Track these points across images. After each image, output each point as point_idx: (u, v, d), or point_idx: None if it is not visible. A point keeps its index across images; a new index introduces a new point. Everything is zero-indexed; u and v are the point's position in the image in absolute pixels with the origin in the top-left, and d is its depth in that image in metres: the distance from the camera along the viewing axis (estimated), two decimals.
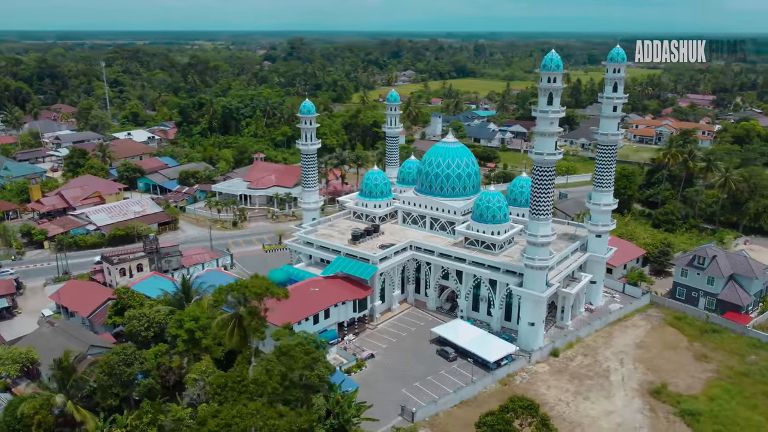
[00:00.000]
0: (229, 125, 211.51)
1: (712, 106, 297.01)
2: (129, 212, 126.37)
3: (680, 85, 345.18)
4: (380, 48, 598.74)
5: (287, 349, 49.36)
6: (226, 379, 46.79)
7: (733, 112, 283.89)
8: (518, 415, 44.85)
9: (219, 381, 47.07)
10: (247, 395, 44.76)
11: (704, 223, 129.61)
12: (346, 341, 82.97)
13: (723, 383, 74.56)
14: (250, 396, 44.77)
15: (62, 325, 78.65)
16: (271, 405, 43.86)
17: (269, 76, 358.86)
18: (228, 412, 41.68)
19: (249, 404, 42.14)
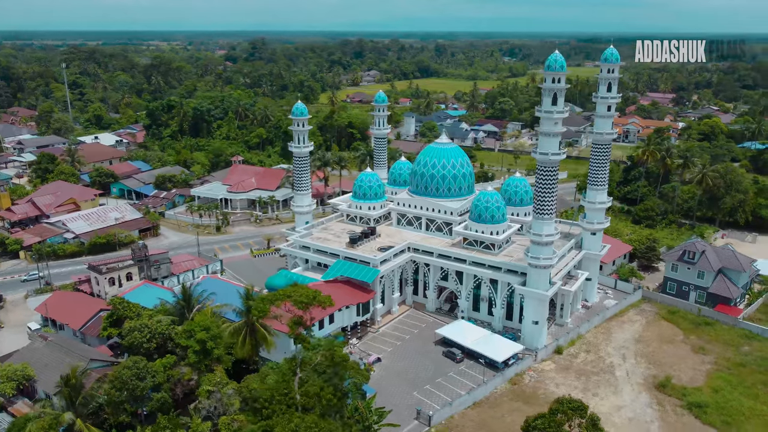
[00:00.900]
0: (200, 127, 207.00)
1: (672, 104, 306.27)
2: (108, 219, 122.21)
3: (640, 83, 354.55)
4: (342, 48, 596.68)
5: (340, 359, 47.85)
6: (272, 391, 45.23)
7: (692, 109, 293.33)
8: (569, 417, 44.96)
9: (265, 394, 45.53)
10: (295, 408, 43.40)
11: (682, 218, 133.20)
12: (351, 345, 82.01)
13: (723, 374, 76.61)
14: (298, 408, 43.43)
15: (56, 339, 75.21)
16: (323, 418, 42.66)
17: (234, 76, 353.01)
18: (284, 427, 40.20)
19: (306, 418, 40.83)
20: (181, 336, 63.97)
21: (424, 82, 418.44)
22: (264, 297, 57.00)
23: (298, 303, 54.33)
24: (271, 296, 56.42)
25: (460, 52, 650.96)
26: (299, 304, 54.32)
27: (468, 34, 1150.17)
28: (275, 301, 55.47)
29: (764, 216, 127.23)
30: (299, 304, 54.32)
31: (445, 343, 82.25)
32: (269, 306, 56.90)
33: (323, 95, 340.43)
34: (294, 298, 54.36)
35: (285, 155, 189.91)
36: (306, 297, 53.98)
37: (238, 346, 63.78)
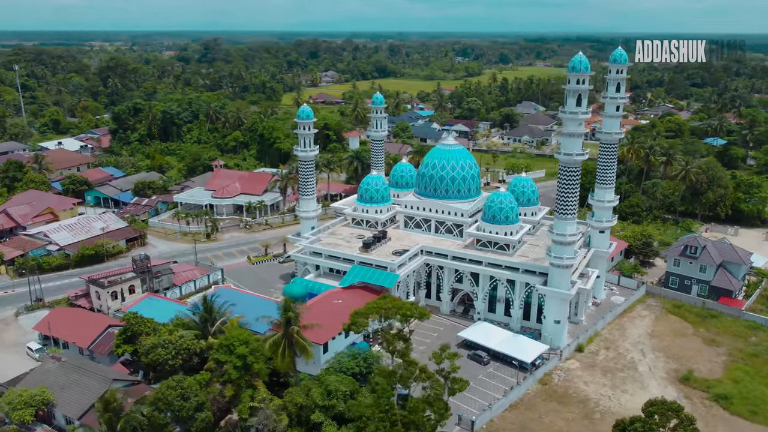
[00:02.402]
0: (169, 131, 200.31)
1: (630, 102, 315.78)
2: (93, 229, 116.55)
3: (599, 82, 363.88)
4: (297, 48, 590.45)
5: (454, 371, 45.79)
6: (372, 409, 43.45)
7: (649, 107, 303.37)
8: (668, 419, 45.06)
9: (367, 412, 43.72)
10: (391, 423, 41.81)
11: (665, 213, 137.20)
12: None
13: (740, 365, 79.03)
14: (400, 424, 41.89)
15: (70, 359, 70.89)
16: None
17: (192, 78, 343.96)
18: None
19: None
20: (220, 351, 61.17)
21: (384, 83, 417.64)
22: (359, 311, 54.84)
23: (401, 316, 52.55)
24: (366, 310, 54.38)
25: (415, 52, 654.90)
26: (401, 317, 52.58)
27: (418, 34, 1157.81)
28: (369, 315, 53.48)
29: (743, 209, 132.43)
30: (401, 317, 52.58)
31: (467, 346, 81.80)
32: (366, 320, 54.83)
33: (286, 96, 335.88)
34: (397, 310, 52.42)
35: (261, 158, 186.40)
36: (409, 310, 52.29)
37: (278, 358, 61.55)
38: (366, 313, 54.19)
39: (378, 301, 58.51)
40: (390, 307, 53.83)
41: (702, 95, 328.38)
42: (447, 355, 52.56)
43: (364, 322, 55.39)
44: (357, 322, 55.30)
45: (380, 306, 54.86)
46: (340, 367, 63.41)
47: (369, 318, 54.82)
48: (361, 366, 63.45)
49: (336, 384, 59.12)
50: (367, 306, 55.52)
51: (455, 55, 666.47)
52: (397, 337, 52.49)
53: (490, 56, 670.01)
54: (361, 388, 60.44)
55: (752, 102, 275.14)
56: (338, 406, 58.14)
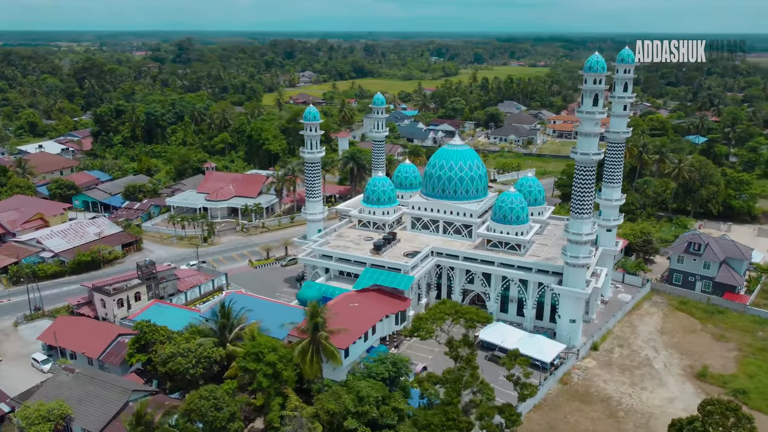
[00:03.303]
0: (153, 133, 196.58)
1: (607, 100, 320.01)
2: (87, 234, 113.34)
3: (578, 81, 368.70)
4: (272, 49, 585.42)
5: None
6: (441, 417, 42.54)
7: None
8: (727, 418, 45.17)
9: (435, 419, 42.79)
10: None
11: (658, 211, 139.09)
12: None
13: (752, 360, 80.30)
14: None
15: (84, 370, 68.53)
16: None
17: (170, 78, 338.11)
18: None
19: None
20: (248, 359, 59.70)
21: (363, 82, 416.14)
22: (422, 316, 53.77)
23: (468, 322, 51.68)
24: (432, 314, 53.31)
25: (391, 52, 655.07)
26: (470, 323, 51.69)
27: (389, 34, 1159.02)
28: (437, 320, 52.51)
29: (734, 206, 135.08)
30: (470, 323, 51.69)
31: (484, 347, 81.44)
32: (431, 325, 53.80)
33: (266, 97, 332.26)
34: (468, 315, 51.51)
35: (249, 160, 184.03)
36: (478, 316, 51.43)
37: (307, 365, 60.40)
38: (431, 318, 53.19)
39: (439, 305, 57.66)
40: (454, 311, 53.00)
41: (677, 94, 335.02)
42: (518, 361, 52.09)
43: (431, 328, 54.40)
44: (423, 327, 54.25)
45: (442, 311, 54.01)
46: (369, 373, 62.42)
47: (435, 323, 53.77)
48: (390, 371, 62.53)
49: (367, 390, 58.19)
50: (430, 310, 54.55)
51: (431, 55, 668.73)
52: (462, 343, 51.70)
53: (465, 56, 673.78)
54: (393, 393, 59.73)
55: (726, 100, 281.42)
56: (371, 412, 57.25)
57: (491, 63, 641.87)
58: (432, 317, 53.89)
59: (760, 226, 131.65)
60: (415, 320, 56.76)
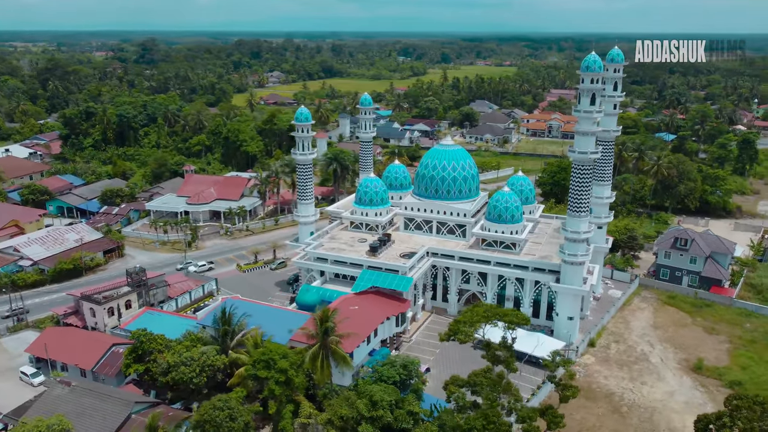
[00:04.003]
0: (126, 135, 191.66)
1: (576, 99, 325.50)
2: (67, 241, 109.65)
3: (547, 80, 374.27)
4: (238, 48, 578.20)
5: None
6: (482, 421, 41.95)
7: None
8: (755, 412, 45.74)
9: (477, 423, 42.14)
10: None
11: (637, 207, 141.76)
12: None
13: (743, 352, 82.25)
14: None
15: (82, 383, 66.06)
16: None
17: (136, 79, 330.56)
18: None
19: None
20: (258, 366, 58.36)
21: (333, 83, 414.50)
22: (460, 320, 52.96)
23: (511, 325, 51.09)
24: (468, 317, 52.58)
25: (358, 52, 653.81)
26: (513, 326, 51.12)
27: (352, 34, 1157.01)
28: (475, 323, 51.82)
29: (710, 201, 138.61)
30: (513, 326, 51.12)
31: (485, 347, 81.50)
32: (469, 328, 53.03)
33: (236, 97, 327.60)
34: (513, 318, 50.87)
35: (226, 162, 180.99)
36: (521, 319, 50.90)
37: (318, 371, 59.40)
38: (468, 322, 52.68)
39: (474, 308, 57.21)
40: (492, 313, 52.61)
41: (642, 92, 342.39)
42: (562, 362, 52.02)
43: (470, 332, 53.86)
44: (462, 331, 53.65)
45: (478, 313, 53.57)
46: (379, 376, 61.72)
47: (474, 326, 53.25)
48: (401, 373, 61.97)
49: (380, 394, 57.49)
50: (466, 313, 54.05)
51: (398, 55, 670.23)
52: (501, 346, 51.36)
53: (432, 56, 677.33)
54: (406, 396, 59.19)
55: (690, 98, 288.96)
56: (385, 416, 56.63)
57: (458, 62, 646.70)
58: (469, 320, 53.39)
59: (736, 220, 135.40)
60: (453, 324, 56.13)
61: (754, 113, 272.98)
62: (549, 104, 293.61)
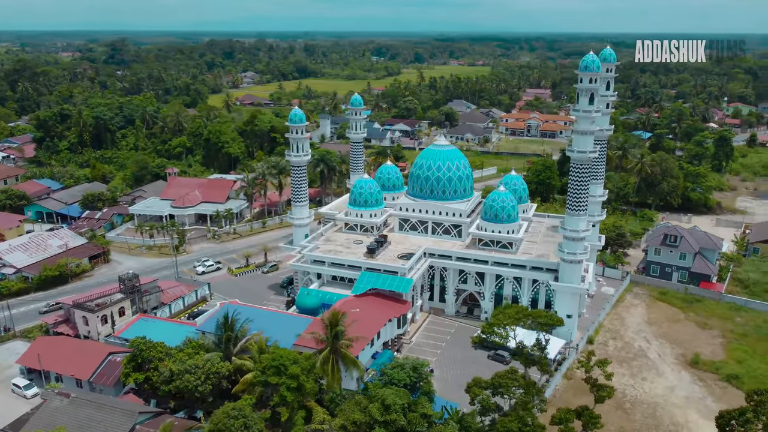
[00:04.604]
0: (103, 138, 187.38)
1: (552, 99, 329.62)
2: (50, 247, 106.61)
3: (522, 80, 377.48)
4: (210, 49, 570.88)
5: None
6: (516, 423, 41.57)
7: (571, 103, 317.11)
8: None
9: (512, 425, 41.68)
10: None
11: (621, 205, 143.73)
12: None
13: (737, 346, 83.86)
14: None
15: (81, 394, 64.05)
16: None
17: (109, 80, 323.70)
18: None
19: None
20: (268, 372, 57.27)
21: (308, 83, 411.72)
22: (491, 323, 52.35)
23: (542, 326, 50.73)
24: (501, 318, 51.99)
25: (332, 52, 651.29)
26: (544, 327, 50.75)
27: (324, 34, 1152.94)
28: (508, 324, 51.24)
29: (692, 198, 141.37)
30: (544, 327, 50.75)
31: (484, 346, 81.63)
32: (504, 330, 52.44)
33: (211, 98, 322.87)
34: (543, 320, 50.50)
35: (208, 164, 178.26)
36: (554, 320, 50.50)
37: (329, 375, 58.61)
38: (501, 324, 52.27)
39: (505, 309, 56.88)
40: (524, 315, 52.33)
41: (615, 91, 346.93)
42: (597, 363, 51.98)
43: (505, 334, 53.43)
44: (495, 333, 53.21)
45: (510, 315, 53.23)
46: (390, 379, 61.18)
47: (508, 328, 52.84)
48: (411, 376, 61.54)
49: (393, 397, 56.96)
50: (499, 315, 53.65)
51: (371, 55, 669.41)
52: (535, 347, 51.12)
53: (406, 55, 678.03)
54: (419, 399, 58.78)
55: (662, 97, 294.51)
56: (399, 420, 56.13)
57: (431, 62, 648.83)
58: (502, 322, 53.09)
59: (717, 216, 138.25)
60: (486, 326, 55.77)
61: (725, 111, 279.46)
62: (526, 104, 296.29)
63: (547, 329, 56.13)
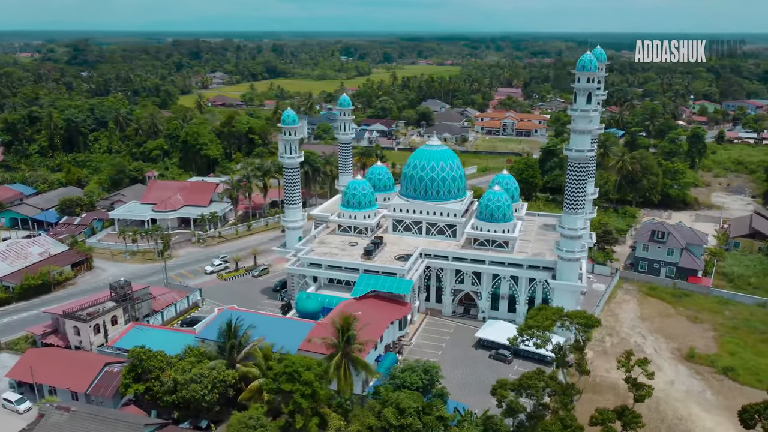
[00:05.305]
0: (74, 141, 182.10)
1: (524, 98, 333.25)
2: (31, 255, 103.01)
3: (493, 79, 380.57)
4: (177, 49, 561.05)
5: None
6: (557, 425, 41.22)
7: (542, 102, 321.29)
8: None
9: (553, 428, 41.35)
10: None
11: (603, 202, 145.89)
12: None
13: (729, 339, 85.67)
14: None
15: (81, 407, 61.81)
16: None
17: (74, 82, 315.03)
18: None
19: None
20: (281, 380, 56.10)
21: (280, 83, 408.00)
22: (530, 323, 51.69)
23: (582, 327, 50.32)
24: (539, 320, 51.36)
25: (301, 52, 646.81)
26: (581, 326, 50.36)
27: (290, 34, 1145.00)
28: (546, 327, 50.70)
29: (671, 194, 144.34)
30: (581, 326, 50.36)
31: (484, 346, 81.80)
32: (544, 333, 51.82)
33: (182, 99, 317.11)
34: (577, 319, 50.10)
35: (185, 166, 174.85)
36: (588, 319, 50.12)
37: (342, 380, 57.75)
38: (539, 326, 51.90)
39: (541, 311, 56.51)
40: (560, 316, 52.09)
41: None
42: (637, 362, 52.03)
43: (546, 337, 53.09)
44: (536, 335, 52.81)
45: (546, 316, 52.93)
46: (402, 382, 60.68)
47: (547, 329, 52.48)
48: (423, 379, 61.19)
49: (407, 401, 56.55)
50: (536, 317, 53.26)
51: (341, 55, 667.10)
52: (575, 348, 50.95)
53: (375, 55, 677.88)
54: (434, 402, 58.45)
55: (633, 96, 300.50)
56: (415, 423, 55.72)
57: (400, 62, 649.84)
58: (540, 324, 52.86)
59: (697, 212, 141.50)
60: (524, 328, 55.45)
61: (691, 109, 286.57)
62: (499, 102, 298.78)
63: (586, 330, 56.31)
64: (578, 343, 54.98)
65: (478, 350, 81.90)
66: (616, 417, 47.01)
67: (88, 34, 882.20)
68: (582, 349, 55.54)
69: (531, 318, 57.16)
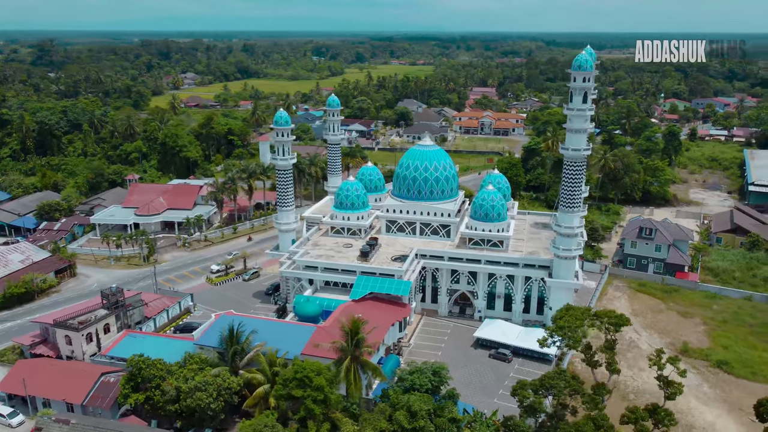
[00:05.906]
0: (47, 144, 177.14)
1: (499, 97, 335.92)
2: (11, 263, 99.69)
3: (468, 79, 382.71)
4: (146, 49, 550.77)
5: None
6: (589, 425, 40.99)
7: (517, 101, 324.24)
8: None
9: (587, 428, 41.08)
10: None
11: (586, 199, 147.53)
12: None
13: (721, 333, 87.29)
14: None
15: (81, 419, 59.85)
16: None
17: (42, 83, 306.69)
18: None
19: None
20: (290, 385, 55.10)
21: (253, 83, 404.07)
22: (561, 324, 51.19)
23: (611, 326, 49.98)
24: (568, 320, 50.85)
25: (272, 52, 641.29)
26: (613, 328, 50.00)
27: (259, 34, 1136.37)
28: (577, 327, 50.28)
29: (652, 191, 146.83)
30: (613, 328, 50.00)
31: (483, 345, 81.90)
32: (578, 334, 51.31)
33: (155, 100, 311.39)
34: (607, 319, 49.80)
35: (164, 168, 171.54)
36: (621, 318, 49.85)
37: (352, 384, 57.04)
38: (570, 327, 51.64)
39: (569, 311, 56.25)
40: (590, 315, 51.91)
41: (558, 89, 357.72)
42: (669, 360, 52.10)
43: (579, 337, 52.80)
44: (569, 336, 52.52)
45: (575, 316, 52.71)
46: (411, 385, 60.26)
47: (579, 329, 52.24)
48: (432, 380, 60.87)
49: (418, 403, 56.21)
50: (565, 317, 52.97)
51: (313, 55, 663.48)
52: (606, 348, 50.84)
53: (347, 55, 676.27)
54: (445, 403, 58.18)
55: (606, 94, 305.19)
56: (427, 426, 55.39)
57: (372, 62, 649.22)
58: (571, 324, 52.72)
59: (677, 208, 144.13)
60: (556, 329, 55.21)
61: (662, 107, 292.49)
62: (475, 102, 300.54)
63: (617, 330, 56.53)
64: (608, 343, 55.18)
65: (477, 350, 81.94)
66: (648, 415, 47.29)
67: (52, 34, 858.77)
68: (612, 348, 55.81)
69: (560, 318, 57.16)
